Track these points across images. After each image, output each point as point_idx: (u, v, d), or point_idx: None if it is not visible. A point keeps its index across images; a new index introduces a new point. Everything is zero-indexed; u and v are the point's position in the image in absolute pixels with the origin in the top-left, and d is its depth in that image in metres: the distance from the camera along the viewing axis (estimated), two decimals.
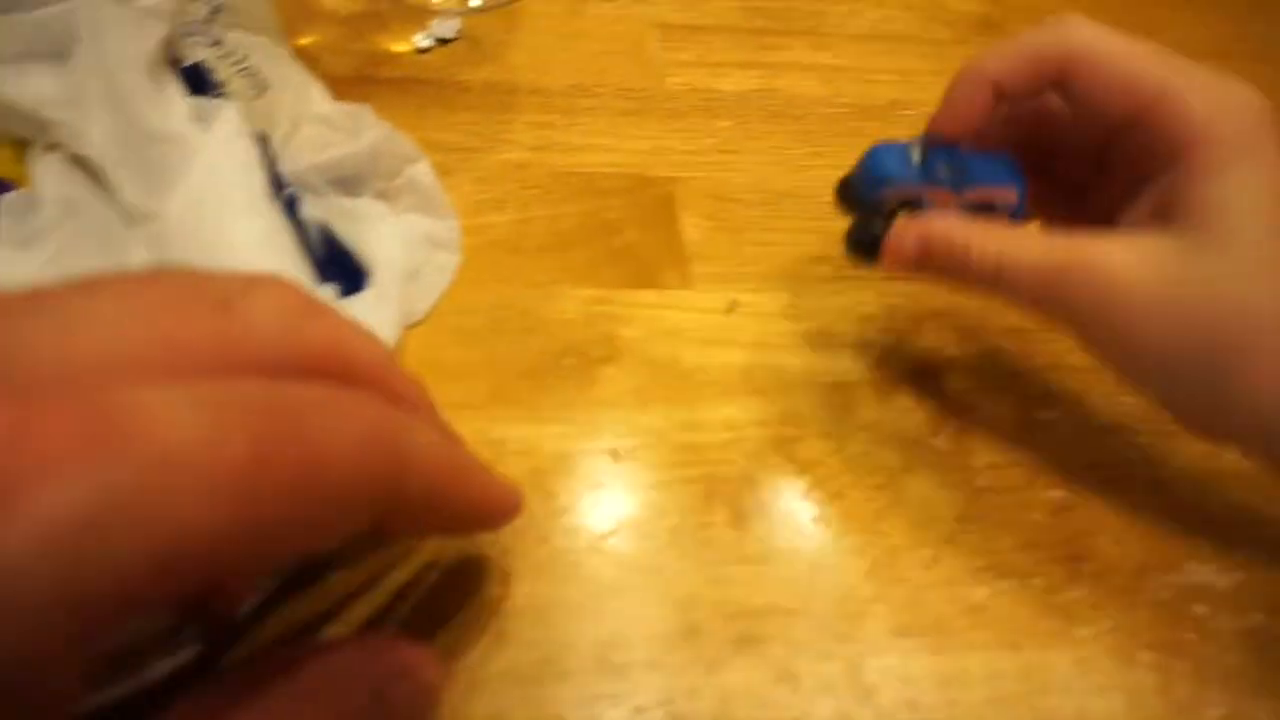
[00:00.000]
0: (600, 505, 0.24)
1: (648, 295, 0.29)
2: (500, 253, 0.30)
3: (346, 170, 0.27)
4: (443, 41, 0.39)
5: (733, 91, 0.39)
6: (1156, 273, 0.20)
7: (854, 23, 0.45)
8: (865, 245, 0.24)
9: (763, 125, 0.37)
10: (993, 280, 0.22)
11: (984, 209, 0.24)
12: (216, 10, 0.32)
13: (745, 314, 0.29)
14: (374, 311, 0.24)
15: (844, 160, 0.35)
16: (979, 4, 0.48)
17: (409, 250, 0.27)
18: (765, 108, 0.38)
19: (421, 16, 0.41)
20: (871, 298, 0.30)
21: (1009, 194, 0.24)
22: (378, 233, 0.26)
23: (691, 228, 0.32)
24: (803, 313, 0.29)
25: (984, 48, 0.42)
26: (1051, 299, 0.21)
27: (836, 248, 0.30)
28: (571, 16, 0.42)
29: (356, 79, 0.37)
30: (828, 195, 0.33)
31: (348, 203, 0.27)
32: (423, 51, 0.39)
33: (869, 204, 0.24)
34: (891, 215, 0.24)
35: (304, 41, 0.38)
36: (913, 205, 0.24)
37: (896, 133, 0.36)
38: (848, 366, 0.28)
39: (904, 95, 0.40)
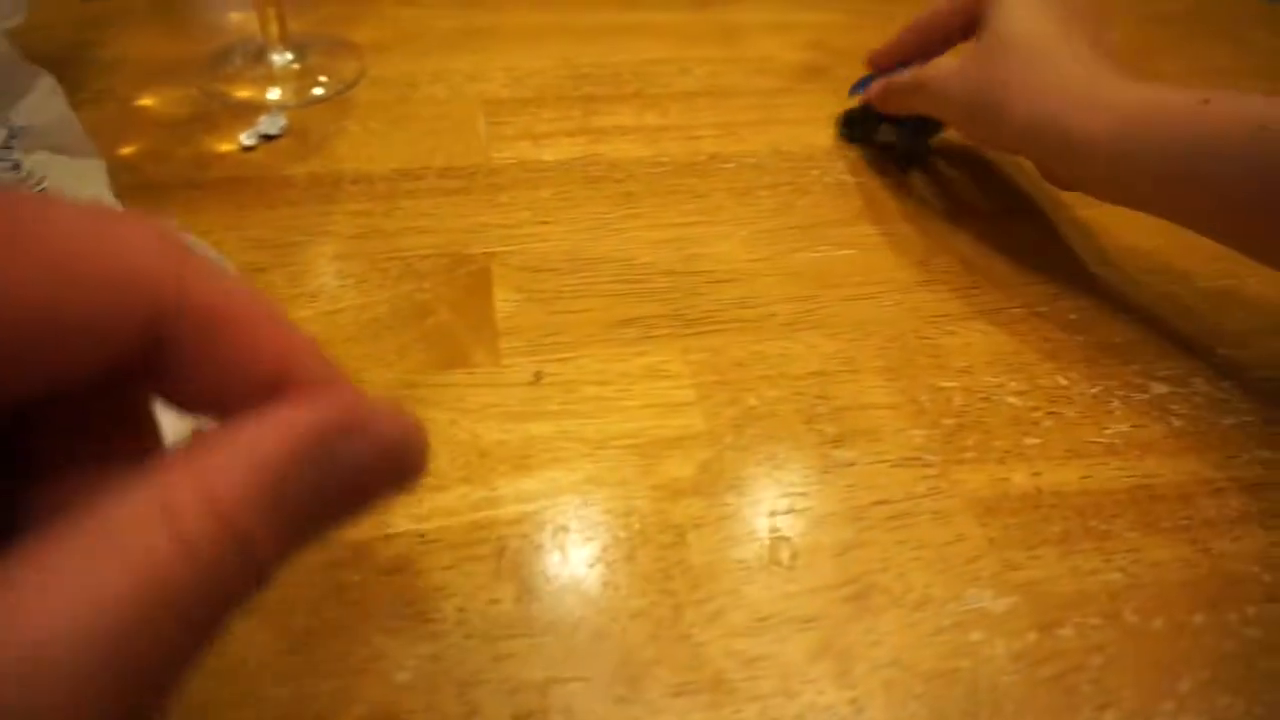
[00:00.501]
0: (392, 591, 0.24)
1: (455, 375, 0.30)
2: None
3: None
4: (269, 138, 0.40)
5: (555, 161, 0.40)
6: (960, 66, 0.36)
7: (682, 81, 0.46)
8: (856, 123, 0.42)
9: (583, 191, 0.38)
10: (914, 91, 0.38)
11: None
12: (14, 135, 0.33)
13: (551, 384, 0.30)
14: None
15: (662, 219, 0.36)
16: (805, 52, 0.50)
17: None
18: (587, 174, 0.39)
19: (250, 113, 0.42)
20: (675, 355, 0.31)
21: None
22: None
23: (503, 302, 0.33)
24: (608, 376, 0.30)
25: (809, 94, 0.45)
26: (923, 96, 0.37)
27: (645, 308, 0.31)
28: (401, 102, 0.43)
29: (180, 185, 0.37)
30: (642, 257, 0.35)
31: None
32: (248, 150, 0.40)
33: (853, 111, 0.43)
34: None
35: (126, 151, 0.39)
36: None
37: (713, 184, 0.38)
38: (647, 426, 0.29)
39: (724, 148, 0.42)
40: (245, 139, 0.40)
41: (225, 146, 0.40)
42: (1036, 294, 0.35)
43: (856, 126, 0.43)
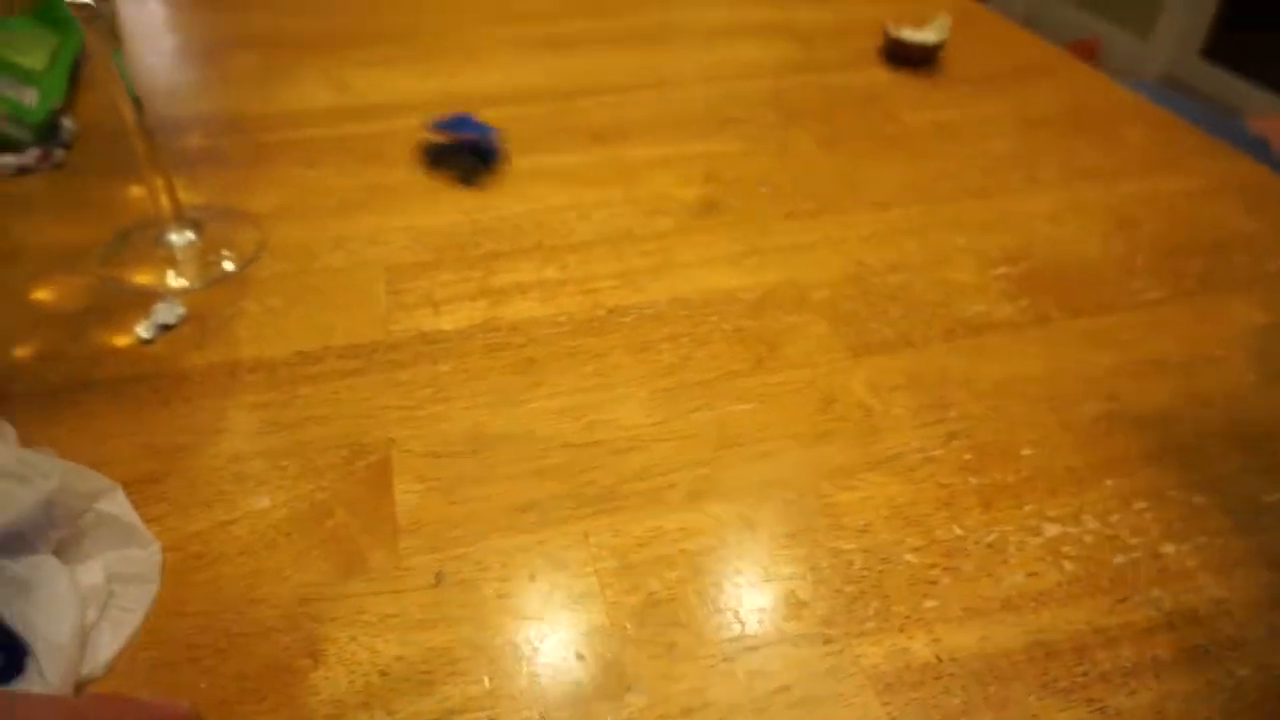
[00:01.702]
0: None
1: (354, 585, 0.30)
2: (204, 566, 0.30)
3: (17, 530, 0.27)
4: (166, 328, 0.40)
5: (455, 330, 0.40)
6: None
7: (580, 228, 0.47)
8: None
9: (483, 361, 0.39)
10: None
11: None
12: None
13: (452, 584, 0.30)
14: (35, 690, 0.24)
15: (562, 386, 0.37)
16: (698, 187, 0.51)
17: (90, 600, 0.27)
18: (487, 341, 0.40)
19: (150, 300, 0.41)
20: (575, 540, 0.31)
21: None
22: (47, 596, 0.26)
23: (404, 493, 0.33)
24: (510, 569, 0.30)
25: (704, 233, 0.46)
26: None
27: (545, 489, 0.31)
28: (301, 274, 0.43)
29: (73, 387, 0.37)
30: (542, 430, 0.35)
31: (17, 568, 0.27)
32: (146, 343, 0.39)
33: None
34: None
35: (20, 354, 0.39)
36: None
37: (612, 341, 0.38)
38: (549, 627, 0.29)
39: (623, 300, 0.42)
40: (142, 331, 0.39)
41: (122, 340, 0.39)
42: (931, 436, 0.36)
43: (436, 160, 0.52)
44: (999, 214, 0.50)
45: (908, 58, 0.66)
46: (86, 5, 0.37)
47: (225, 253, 0.44)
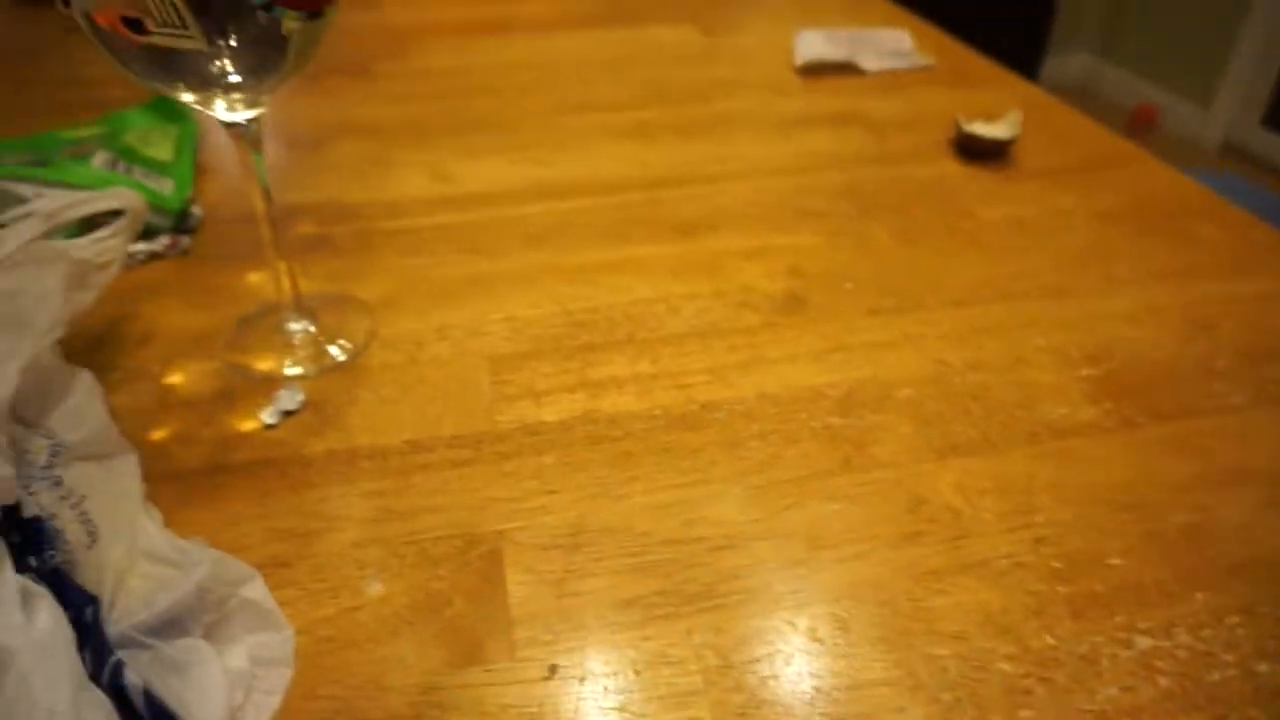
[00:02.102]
0: None
1: (474, 674, 0.31)
2: (333, 651, 0.32)
3: (173, 615, 0.30)
4: (288, 414, 0.43)
5: (557, 421, 0.43)
6: None
7: (671, 322, 0.50)
8: None
9: (584, 454, 0.41)
10: None
11: None
12: (56, 452, 0.35)
13: (566, 678, 0.31)
14: None
15: (659, 481, 0.39)
16: (784, 280, 0.53)
17: (236, 682, 0.29)
18: (587, 434, 0.42)
19: (271, 386, 0.44)
20: (679, 638, 0.33)
21: None
22: (200, 678, 0.29)
23: (516, 585, 0.35)
24: (618, 665, 0.32)
25: (790, 329, 0.48)
26: None
27: (648, 585, 0.33)
28: (410, 364, 0.46)
29: (206, 470, 0.40)
30: (642, 525, 0.37)
31: (172, 650, 0.29)
32: (270, 428, 0.42)
33: None
34: None
35: (156, 436, 0.42)
36: None
37: (705, 437, 0.40)
38: (655, 712, 0.30)
39: (714, 395, 0.44)
40: (266, 417, 0.42)
41: (248, 425, 0.42)
42: (1019, 541, 0.37)
43: None
44: (1077, 313, 0.51)
45: (980, 152, 0.68)
46: (237, 124, 0.40)
47: (340, 341, 0.48)
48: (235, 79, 0.37)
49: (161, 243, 0.55)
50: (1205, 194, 0.64)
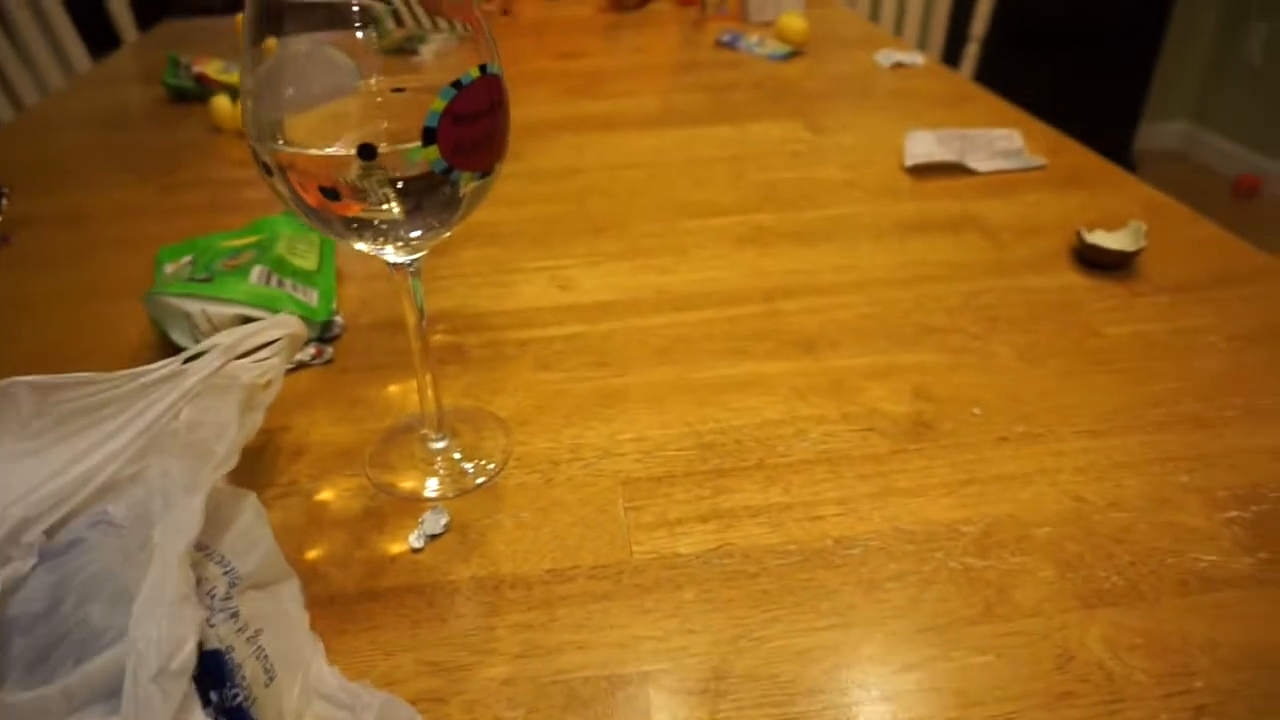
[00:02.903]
0: None
1: None
2: None
3: None
4: (433, 537, 0.45)
5: (693, 554, 0.43)
6: None
7: (798, 447, 0.50)
8: None
9: (722, 590, 0.41)
10: None
11: None
12: (234, 584, 0.38)
13: None
14: None
15: (799, 623, 0.39)
16: (910, 405, 0.53)
17: None
18: (724, 569, 0.42)
19: (414, 506, 0.46)
20: None
21: None
22: None
23: None
24: None
25: (919, 456, 0.47)
26: None
27: None
28: (546, 485, 0.48)
29: (360, 596, 0.41)
30: (787, 673, 0.37)
31: None
32: (417, 551, 0.44)
33: None
34: None
35: (312, 555, 0.44)
36: None
37: (842, 577, 0.40)
38: None
39: (847, 530, 0.44)
40: (414, 540, 0.44)
41: (396, 548, 0.44)
42: (1179, 709, 0.36)
43: None
44: (1221, 448, 0.49)
45: (1103, 264, 0.67)
46: (402, 264, 0.43)
47: (479, 461, 0.49)
48: (414, 234, 0.39)
49: (308, 352, 0.58)
50: None
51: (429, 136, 0.36)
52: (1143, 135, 3.11)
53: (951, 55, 1.84)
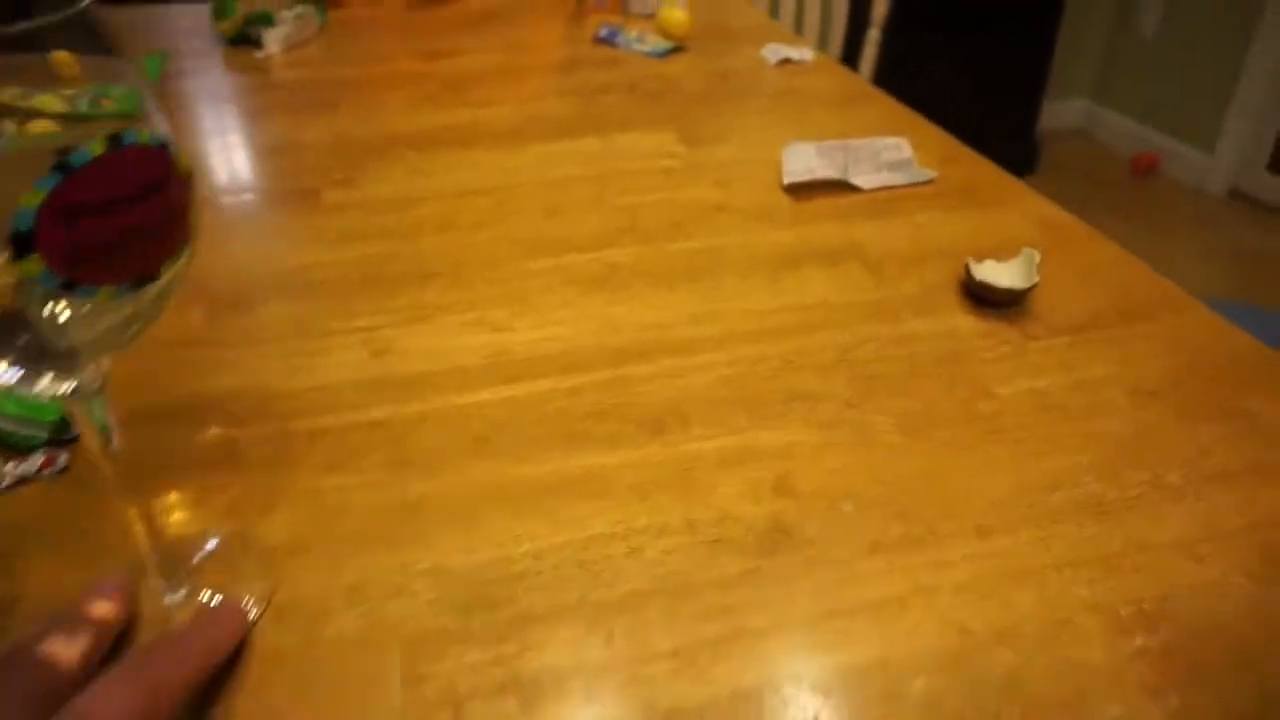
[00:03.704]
0: None
1: None
2: None
3: None
4: None
5: None
6: None
7: (630, 569, 0.41)
8: None
9: None
10: None
11: None
12: None
13: None
14: None
15: None
16: (770, 504, 0.44)
17: None
18: None
19: None
20: None
21: None
22: None
23: None
24: None
25: (777, 579, 0.39)
26: None
27: None
28: (308, 648, 0.38)
29: None
30: None
31: None
32: None
33: None
34: None
35: None
36: None
37: None
38: None
39: (681, 699, 0.35)
40: None
41: None
42: None
43: None
44: (1123, 542, 0.42)
45: (993, 301, 0.60)
46: (71, 394, 0.32)
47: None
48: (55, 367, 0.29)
49: (35, 461, 0.47)
50: (1257, 350, 0.55)
51: (22, 244, 0.25)
52: (1045, 114, 3.12)
53: (853, 40, 1.77)
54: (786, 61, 1.09)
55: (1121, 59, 3.14)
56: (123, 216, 0.27)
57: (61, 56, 1.03)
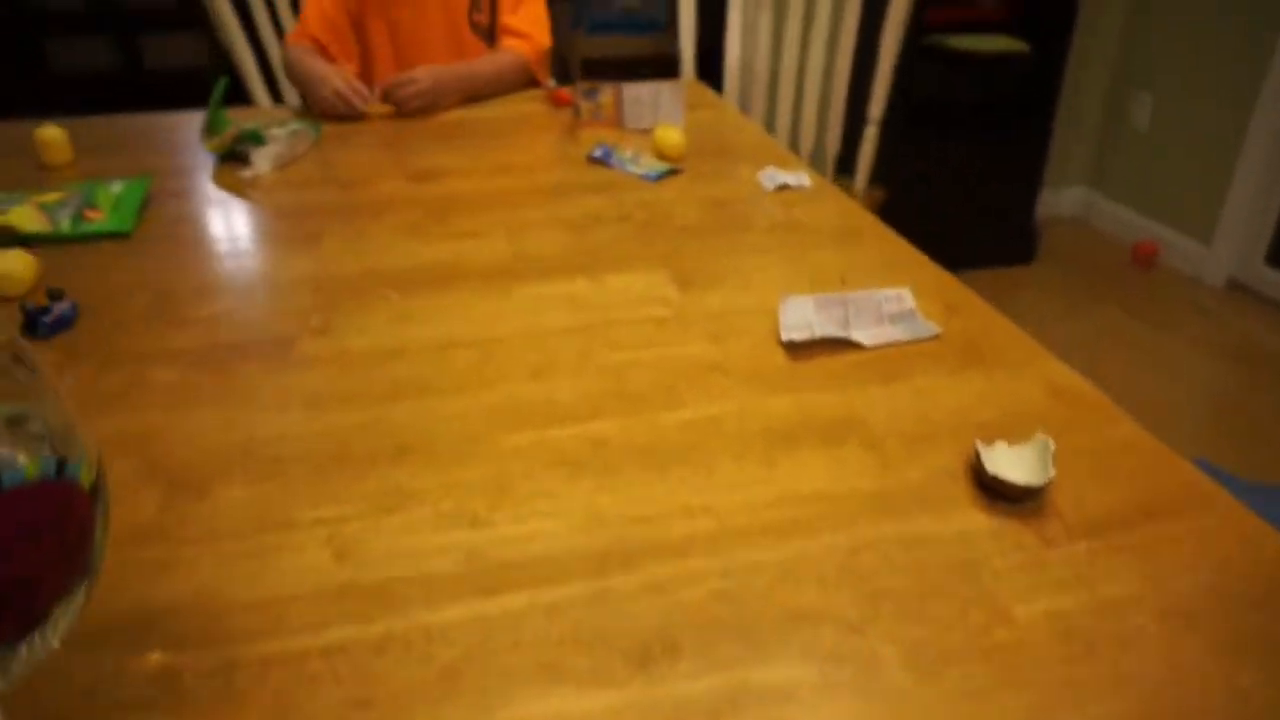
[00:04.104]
0: None
1: None
2: None
3: None
4: None
5: None
6: None
7: None
8: None
9: None
10: None
11: None
12: None
13: None
14: None
15: None
16: None
17: None
18: None
19: None
20: None
21: None
22: None
23: None
24: None
25: None
26: None
27: None
28: None
29: None
30: None
31: None
32: None
33: None
34: None
35: None
36: None
37: None
38: None
39: None
40: None
41: None
42: None
43: None
44: None
45: (1006, 497, 0.56)
46: None
47: None
48: None
49: None
50: None
51: None
52: (1043, 201, 3.13)
53: (851, 135, 1.76)
54: (784, 187, 1.07)
55: (1117, 149, 3.16)
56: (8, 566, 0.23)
57: (50, 135, 1.03)
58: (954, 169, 2.78)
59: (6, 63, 3.51)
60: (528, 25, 1.50)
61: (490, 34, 1.50)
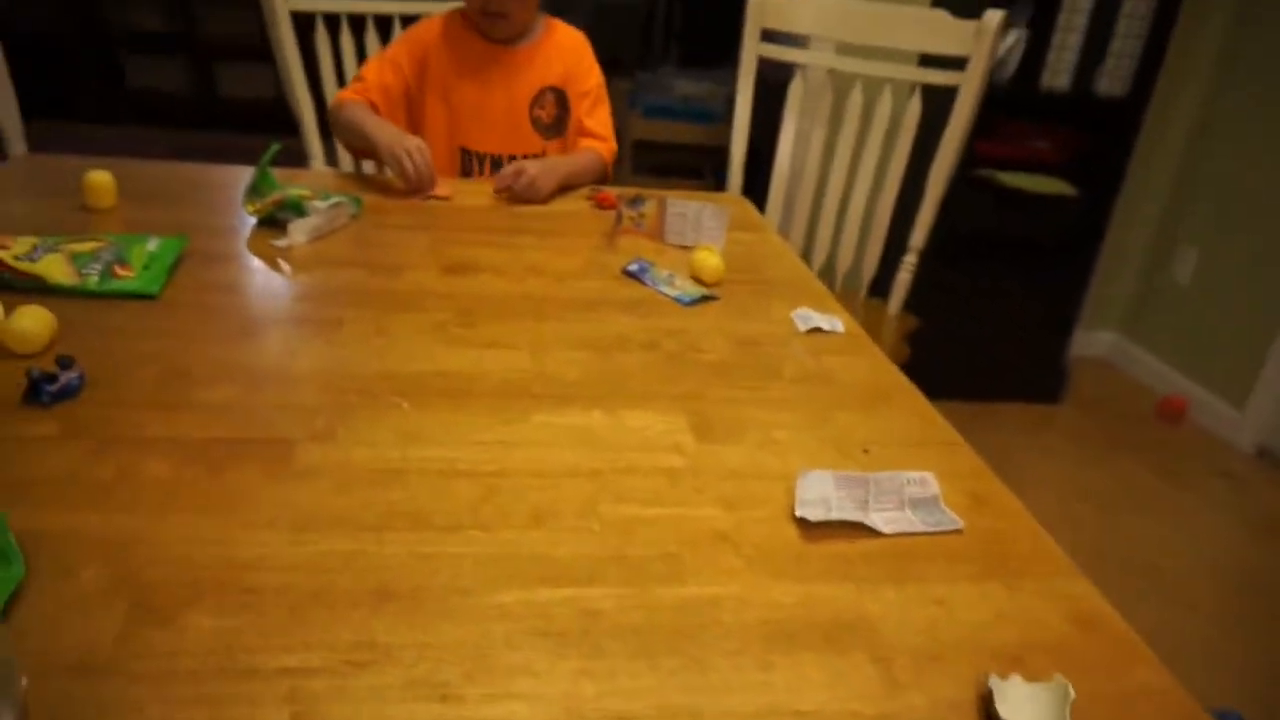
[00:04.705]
0: None
1: None
2: None
3: None
4: None
5: None
6: None
7: None
8: None
9: None
10: None
11: None
12: None
13: None
14: None
15: None
16: None
17: None
18: None
19: None
20: None
21: None
22: None
23: None
24: None
25: None
26: None
27: None
28: None
29: None
30: None
31: None
32: None
33: None
34: None
35: None
36: None
37: None
38: None
39: None
40: None
41: None
42: None
43: None
44: None
45: None
46: None
47: None
48: None
49: None
50: None
51: None
52: (1075, 341, 3.10)
53: (890, 257, 1.74)
54: (817, 330, 1.05)
55: (1155, 299, 3.14)
56: None
57: (98, 179, 1.01)
58: (990, 301, 2.76)
59: (89, 75, 3.63)
60: (603, 129, 1.53)
61: (549, 130, 1.51)
